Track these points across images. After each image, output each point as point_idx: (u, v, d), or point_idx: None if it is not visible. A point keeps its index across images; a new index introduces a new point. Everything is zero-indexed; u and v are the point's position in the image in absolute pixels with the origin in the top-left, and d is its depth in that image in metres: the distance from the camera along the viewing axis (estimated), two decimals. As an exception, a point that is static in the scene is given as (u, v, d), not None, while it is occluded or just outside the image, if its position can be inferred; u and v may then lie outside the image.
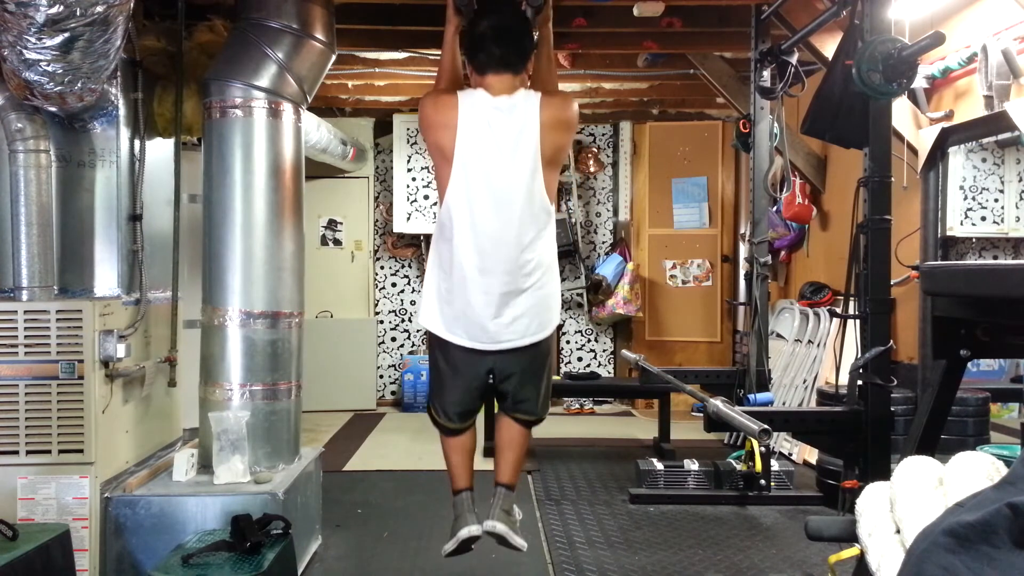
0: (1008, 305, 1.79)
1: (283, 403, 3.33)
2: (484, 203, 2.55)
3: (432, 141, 2.63)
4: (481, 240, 2.56)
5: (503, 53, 2.57)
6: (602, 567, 3.36)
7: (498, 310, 2.58)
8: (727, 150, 7.02)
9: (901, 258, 3.90)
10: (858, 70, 3.15)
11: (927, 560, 1.07)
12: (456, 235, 2.58)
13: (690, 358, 7.07)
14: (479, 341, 2.62)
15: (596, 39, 4.92)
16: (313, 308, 6.91)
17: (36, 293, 2.94)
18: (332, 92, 6.32)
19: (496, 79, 2.59)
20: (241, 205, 3.24)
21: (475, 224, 2.56)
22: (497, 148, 2.53)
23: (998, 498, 1.08)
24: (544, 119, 2.54)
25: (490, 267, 2.56)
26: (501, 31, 2.59)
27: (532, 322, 2.62)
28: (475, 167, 2.54)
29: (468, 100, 2.58)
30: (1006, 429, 4.56)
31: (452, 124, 2.55)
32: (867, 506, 1.49)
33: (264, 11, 3.26)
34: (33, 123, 2.95)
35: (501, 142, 2.53)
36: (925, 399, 2.12)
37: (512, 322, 2.60)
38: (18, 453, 2.87)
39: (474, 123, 2.54)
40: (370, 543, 3.69)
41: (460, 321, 2.62)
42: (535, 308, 2.62)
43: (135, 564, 2.91)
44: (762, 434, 3.11)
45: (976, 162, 4.44)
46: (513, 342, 2.62)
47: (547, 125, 2.55)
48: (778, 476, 4.30)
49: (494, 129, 2.53)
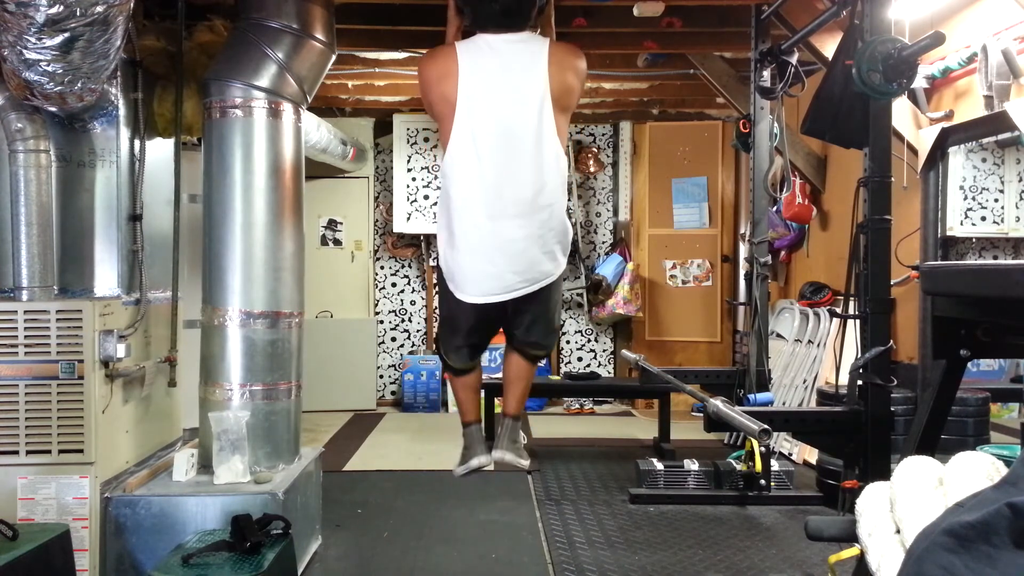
0: (1008, 305, 1.79)
1: (283, 403, 3.33)
2: (491, 142, 2.51)
3: (436, 95, 2.57)
4: (488, 184, 2.52)
5: (504, 7, 2.54)
6: (602, 567, 3.36)
7: (512, 260, 2.57)
8: (727, 150, 7.02)
9: (901, 258, 3.90)
10: (858, 70, 3.15)
11: (927, 560, 1.07)
12: (462, 181, 2.54)
13: (690, 358, 7.07)
14: (492, 293, 2.63)
15: (596, 39, 4.92)
16: (313, 308, 6.91)
17: (36, 293, 2.94)
18: (332, 92, 6.32)
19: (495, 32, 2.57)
20: (241, 205, 3.24)
21: (482, 167, 2.52)
22: (504, 79, 2.49)
23: (998, 498, 1.08)
24: (552, 58, 2.52)
25: (500, 211, 2.53)
26: None
27: (546, 266, 2.63)
28: (481, 104, 2.49)
29: (468, 44, 2.57)
30: (1006, 429, 4.55)
31: (453, 71, 2.51)
32: (867, 506, 1.49)
33: (264, 11, 3.26)
34: (33, 123, 2.96)
35: (508, 74, 2.50)
36: (925, 399, 2.11)
37: (527, 269, 2.59)
38: (18, 453, 2.87)
39: (477, 59, 2.51)
40: (370, 543, 3.69)
41: (471, 277, 2.62)
42: (549, 252, 2.62)
43: (135, 564, 2.91)
44: (762, 434, 3.11)
45: (976, 162, 4.44)
46: (526, 288, 2.63)
47: (555, 63, 2.53)
48: (778, 476, 4.30)
49: (501, 58, 2.50)
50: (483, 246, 2.57)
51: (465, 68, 2.51)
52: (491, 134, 2.51)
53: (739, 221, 7.04)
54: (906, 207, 4.42)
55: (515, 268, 2.58)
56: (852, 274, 3.49)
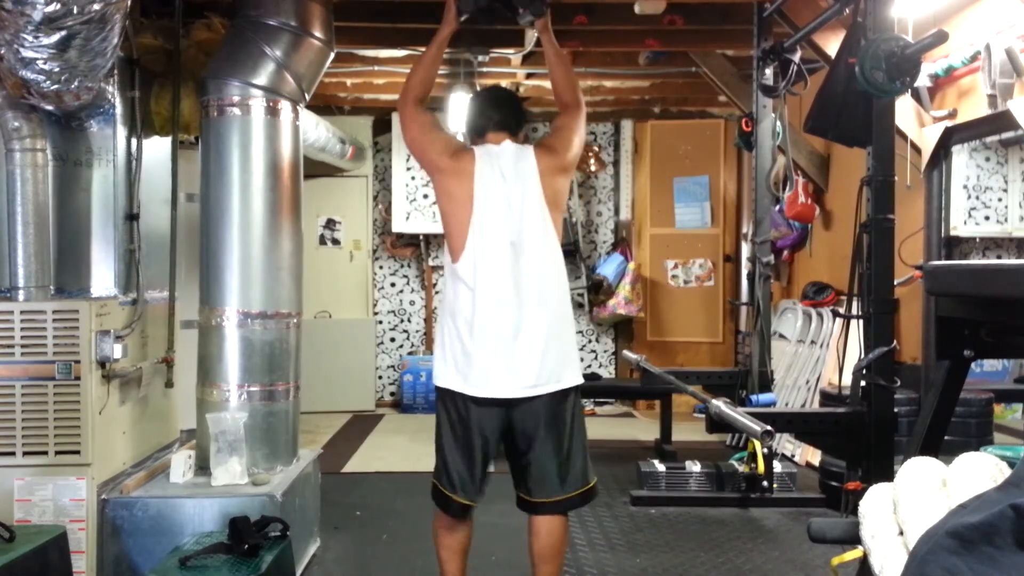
0: (1012, 305, 1.77)
1: (281, 404, 3.31)
2: (504, 250, 2.51)
3: (444, 184, 2.58)
4: (504, 289, 2.49)
5: (502, 117, 2.65)
6: (603, 570, 3.34)
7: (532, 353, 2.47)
8: (729, 149, 6.99)
9: (904, 258, 3.88)
10: (861, 68, 3.13)
11: (930, 562, 1.06)
12: (479, 287, 2.50)
13: (692, 359, 7.05)
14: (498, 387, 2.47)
15: (597, 37, 4.91)
16: (311, 308, 6.89)
17: (32, 293, 2.92)
18: (331, 90, 6.31)
19: (495, 136, 2.63)
20: (239, 204, 3.23)
21: (498, 275, 2.49)
22: (510, 195, 2.54)
23: (1001, 499, 1.07)
24: (542, 167, 2.57)
25: (519, 303, 2.49)
26: (497, 98, 2.73)
27: (567, 371, 2.53)
28: (492, 216, 2.52)
29: (482, 151, 2.61)
30: (1010, 430, 4.54)
31: (470, 171, 2.54)
32: (870, 508, 1.48)
33: (262, 8, 3.25)
34: (30, 122, 2.94)
35: (512, 189, 2.54)
36: (928, 400, 2.09)
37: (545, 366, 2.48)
38: (15, 454, 2.85)
39: (489, 174, 2.54)
40: (369, 545, 3.67)
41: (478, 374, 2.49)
42: (567, 354, 2.55)
43: (132, 566, 2.90)
44: (764, 435, 3.08)
45: (980, 161, 4.42)
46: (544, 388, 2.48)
47: (545, 172, 2.57)
48: (781, 478, 4.28)
49: (507, 179, 2.55)
50: (504, 334, 2.47)
51: (480, 178, 2.54)
52: (504, 246, 2.52)
53: (741, 220, 7.02)
54: (909, 206, 4.40)
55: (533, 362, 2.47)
56: (855, 274, 3.47)
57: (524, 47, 4.92)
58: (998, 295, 1.79)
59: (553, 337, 2.51)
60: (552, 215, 2.59)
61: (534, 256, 2.52)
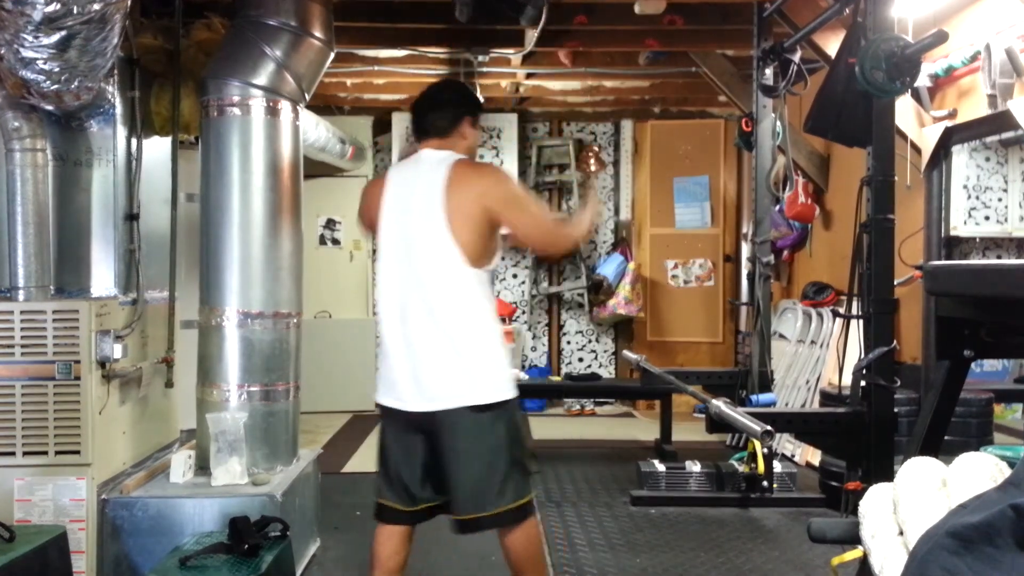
0: (1012, 305, 1.77)
1: (281, 404, 3.31)
2: (393, 263, 2.49)
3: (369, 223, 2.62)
4: (391, 305, 2.47)
5: (419, 123, 2.59)
6: (603, 570, 3.34)
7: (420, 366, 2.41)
8: (729, 149, 6.99)
9: (905, 258, 3.88)
10: (861, 68, 3.13)
11: (930, 562, 1.07)
12: (380, 300, 2.53)
13: (692, 359, 7.05)
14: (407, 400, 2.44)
15: (597, 37, 4.91)
16: (311, 308, 6.88)
17: (32, 293, 2.92)
18: (331, 90, 6.31)
19: (425, 144, 2.58)
20: (239, 204, 3.22)
21: (392, 285, 2.48)
22: (408, 207, 2.48)
23: (1001, 499, 1.07)
24: (452, 187, 2.41)
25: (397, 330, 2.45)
26: (419, 102, 2.62)
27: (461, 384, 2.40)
28: (388, 229, 2.51)
29: (395, 168, 2.65)
30: (1010, 430, 4.54)
31: (379, 193, 2.55)
32: (870, 508, 1.48)
33: (262, 8, 3.25)
34: (30, 122, 2.94)
35: (412, 202, 2.47)
36: (928, 400, 2.09)
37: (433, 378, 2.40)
38: (15, 454, 2.85)
39: (395, 189, 2.53)
40: (369, 546, 3.66)
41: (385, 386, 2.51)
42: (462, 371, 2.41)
43: (132, 566, 2.90)
44: (764, 435, 3.09)
45: (980, 161, 4.42)
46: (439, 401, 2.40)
47: (455, 193, 2.41)
48: (781, 478, 4.28)
49: (411, 190, 2.49)
50: (396, 350, 2.46)
51: (387, 192, 2.54)
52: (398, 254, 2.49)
53: (741, 220, 7.02)
54: (909, 206, 4.40)
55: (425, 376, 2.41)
56: (855, 274, 3.47)
57: (524, 47, 4.91)
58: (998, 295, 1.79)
59: (451, 352, 2.40)
60: (460, 231, 2.39)
61: (424, 270, 2.43)
